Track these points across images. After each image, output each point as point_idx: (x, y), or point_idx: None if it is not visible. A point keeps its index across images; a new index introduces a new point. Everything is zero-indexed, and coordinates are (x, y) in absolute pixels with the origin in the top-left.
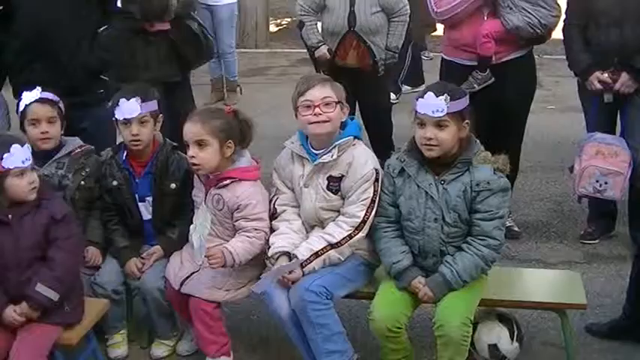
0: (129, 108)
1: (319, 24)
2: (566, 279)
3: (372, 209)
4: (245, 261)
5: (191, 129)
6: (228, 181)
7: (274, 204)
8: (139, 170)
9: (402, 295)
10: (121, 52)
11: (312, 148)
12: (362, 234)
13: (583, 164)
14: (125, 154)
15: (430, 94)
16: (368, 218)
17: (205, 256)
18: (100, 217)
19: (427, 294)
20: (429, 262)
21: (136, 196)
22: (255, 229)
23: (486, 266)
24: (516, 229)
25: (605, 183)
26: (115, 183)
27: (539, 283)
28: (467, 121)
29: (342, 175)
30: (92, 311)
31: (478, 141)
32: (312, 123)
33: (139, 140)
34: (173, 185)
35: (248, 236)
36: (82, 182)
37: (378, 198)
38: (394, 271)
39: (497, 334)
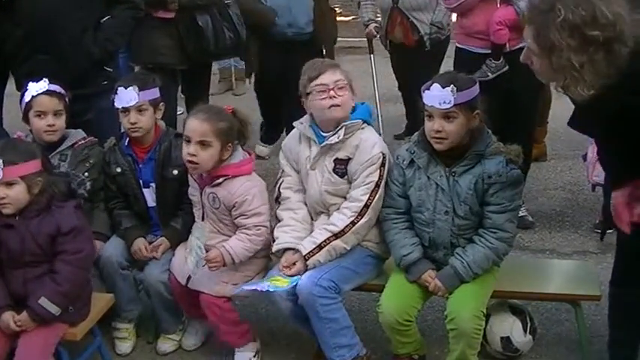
0: (127, 96)
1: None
2: (581, 269)
3: (376, 194)
4: (245, 259)
5: (197, 127)
6: (221, 179)
7: (279, 187)
8: (141, 156)
9: (412, 287)
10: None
11: (321, 130)
12: (364, 220)
13: (596, 152)
14: (127, 140)
15: (436, 85)
16: (371, 203)
17: (207, 261)
18: (106, 206)
19: (438, 287)
20: (440, 254)
21: (140, 181)
22: (255, 226)
23: (498, 259)
24: (530, 218)
25: None
26: (118, 169)
27: (553, 273)
28: (477, 111)
29: (349, 158)
30: (97, 306)
31: (490, 131)
32: (330, 107)
33: (137, 128)
34: (175, 172)
35: (247, 234)
36: (86, 174)
37: (383, 183)
38: (404, 264)
39: (509, 327)
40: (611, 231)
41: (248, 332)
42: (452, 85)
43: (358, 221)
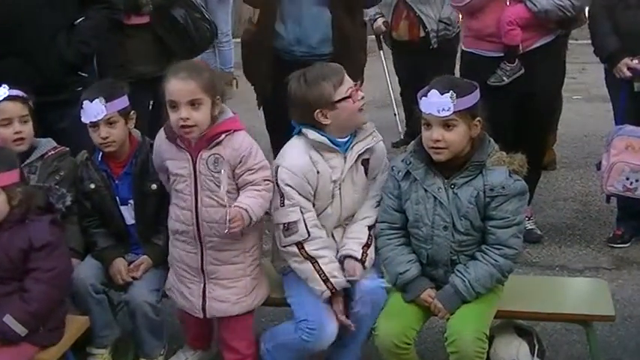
0: (93, 110)
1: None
2: (593, 287)
3: None
4: (259, 216)
5: (183, 87)
6: (223, 136)
7: (306, 226)
8: (117, 171)
9: (409, 307)
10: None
11: (337, 138)
12: None
13: (611, 160)
14: (101, 154)
15: (434, 91)
16: None
17: (231, 218)
18: (79, 224)
19: (438, 307)
20: (439, 272)
21: (117, 198)
22: (265, 180)
23: (502, 277)
24: (538, 232)
25: (636, 180)
26: (92, 186)
27: (563, 292)
28: (478, 118)
29: (368, 157)
30: (71, 329)
31: (492, 140)
32: (360, 110)
33: (109, 143)
34: (154, 186)
35: (258, 189)
36: (56, 186)
37: None
38: (401, 282)
39: (515, 349)
40: (626, 245)
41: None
42: (451, 91)
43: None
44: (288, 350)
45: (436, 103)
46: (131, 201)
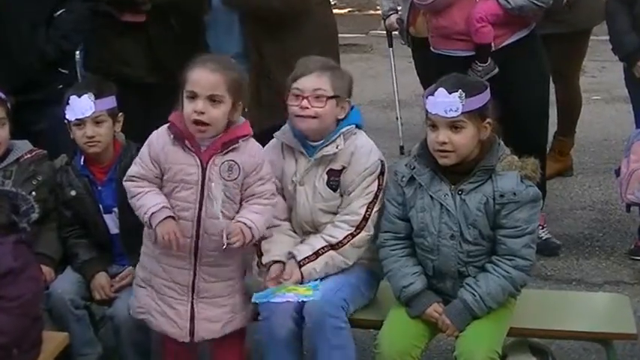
0: (81, 106)
1: None
2: (613, 303)
3: (375, 205)
4: (262, 233)
5: (207, 79)
6: (240, 142)
7: None
8: (100, 177)
9: (414, 323)
10: (90, 41)
11: (307, 139)
12: (365, 233)
13: (631, 166)
14: (83, 158)
15: (441, 90)
16: (370, 215)
17: (228, 234)
18: (58, 232)
19: (446, 324)
20: (447, 284)
21: (100, 206)
22: (272, 194)
23: (515, 290)
24: (556, 241)
25: None
26: (73, 193)
27: (580, 307)
28: (488, 120)
29: (344, 167)
30: (48, 347)
31: (502, 143)
32: (297, 116)
33: (94, 142)
34: None
35: (263, 203)
36: (34, 193)
37: (382, 194)
38: (405, 297)
39: None
40: None
41: None
42: (460, 91)
43: (357, 234)
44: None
45: (443, 102)
46: (115, 209)
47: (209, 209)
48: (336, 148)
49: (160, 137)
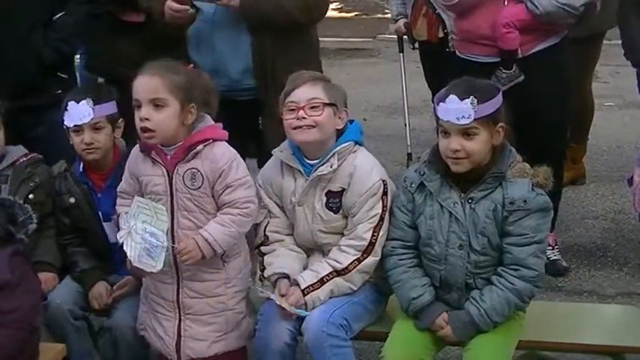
0: (79, 112)
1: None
2: (626, 315)
3: (381, 228)
4: (228, 247)
5: (146, 84)
6: (201, 147)
7: (265, 229)
8: (99, 184)
9: (421, 335)
10: (91, 41)
11: (306, 158)
12: (373, 257)
13: None
14: (82, 165)
15: (453, 97)
16: (376, 239)
17: (177, 253)
18: (57, 240)
19: (447, 334)
20: (454, 296)
21: (100, 214)
22: (245, 201)
23: (522, 302)
24: (564, 263)
25: None
26: (72, 200)
27: (592, 320)
28: (501, 124)
29: (343, 189)
30: (45, 359)
31: (514, 149)
32: (295, 128)
33: (93, 149)
34: None
35: (232, 214)
36: (31, 195)
37: (387, 215)
38: (414, 309)
39: None
40: None
41: None
42: (472, 97)
43: (364, 259)
44: None
45: (455, 109)
46: (115, 217)
47: (180, 220)
48: (330, 167)
49: (134, 151)
